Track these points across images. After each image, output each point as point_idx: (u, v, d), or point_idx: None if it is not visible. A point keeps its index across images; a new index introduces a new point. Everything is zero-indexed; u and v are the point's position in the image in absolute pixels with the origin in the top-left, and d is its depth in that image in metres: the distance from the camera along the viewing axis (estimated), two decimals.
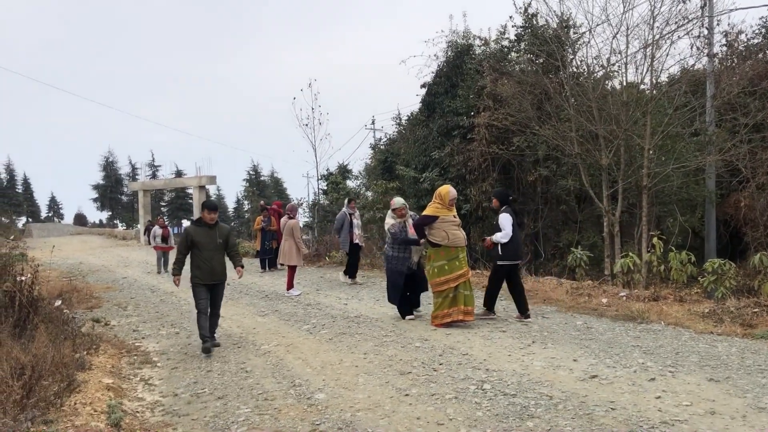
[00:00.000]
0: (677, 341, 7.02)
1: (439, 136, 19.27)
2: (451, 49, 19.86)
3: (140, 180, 52.08)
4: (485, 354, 6.73)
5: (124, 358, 7.24)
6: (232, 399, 5.60)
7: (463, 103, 18.51)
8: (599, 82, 15.43)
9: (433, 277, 8.33)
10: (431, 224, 8.28)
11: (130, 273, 18.22)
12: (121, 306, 11.55)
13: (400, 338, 7.67)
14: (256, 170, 70.36)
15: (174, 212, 65.52)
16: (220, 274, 7.58)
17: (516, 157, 17.37)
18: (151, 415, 5.28)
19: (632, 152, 15.21)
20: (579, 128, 14.90)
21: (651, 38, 13.74)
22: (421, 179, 18.77)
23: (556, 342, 7.18)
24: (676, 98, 14.40)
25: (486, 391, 5.43)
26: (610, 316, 8.56)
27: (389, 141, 28.59)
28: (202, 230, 7.48)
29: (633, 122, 14.33)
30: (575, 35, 16.46)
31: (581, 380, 5.67)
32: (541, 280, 11.83)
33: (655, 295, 9.50)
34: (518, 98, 16.08)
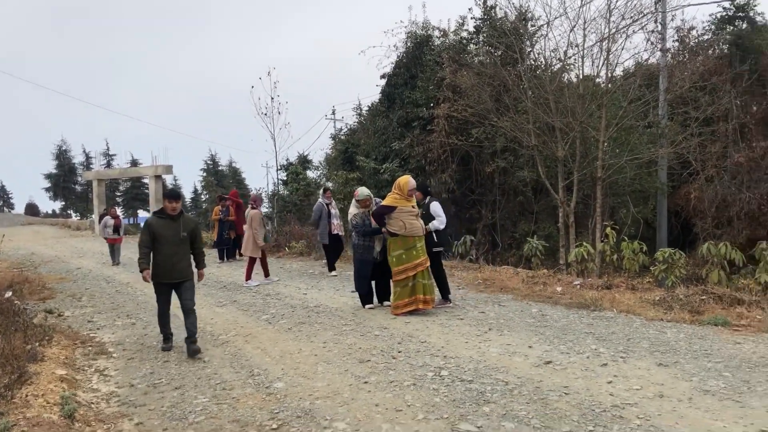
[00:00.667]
0: (629, 328, 7.22)
1: (399, 127, 19.31)
2: (411, 40, 19.89)
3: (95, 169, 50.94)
4: (443, 341, 6.82)
5: (78, 349, 7.11)
6: (190, 389, 5.57)
7: (422, 94, 18.58)
8: (556, 75, 15.66)
9: (393, 267, 8.41)
10: (390, 214, 8.34)
11: (84, 264, 17.84)
12: (75, 297, 11.32)
13: (359, 327, 7.71)
14: (214, 160, 69.22)
15: (129, 202, 64.18)
16: (183, 271, 6.77)
17: (475, 149, 17.53)
18: (106, 406, 5.21)
19: (587, 144, 15.51)
20: (536, 120, 15.12)
21: (607, 32, 14.00)
22: (382, 170, 18.80)
23: (512, 329, 7.31)
24: (631, 91, 14.72)
25: (443, 378, 5.50)
26: (564, 303, 8.75)
27: (350, 131, 28.50)
28: (164, 222, 6.71)
29: (588, 115, 14.60)
30: (533, 28, 16.66)
31: (536, 366, 5.80)
32: (498, 270, 12.01)
33: (608, 283, 9.74)
34: (477, 90, 16.21)
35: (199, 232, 7.00)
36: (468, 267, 12.42)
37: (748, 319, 7.28)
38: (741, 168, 16.88)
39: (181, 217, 6.78)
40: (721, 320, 7.22)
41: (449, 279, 11.00)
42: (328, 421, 4.62)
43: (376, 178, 18.77)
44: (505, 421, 4.47)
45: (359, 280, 8.95)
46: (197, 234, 6.96)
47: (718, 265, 9.18)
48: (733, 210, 16.71)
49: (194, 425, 4.69)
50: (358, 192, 9.06)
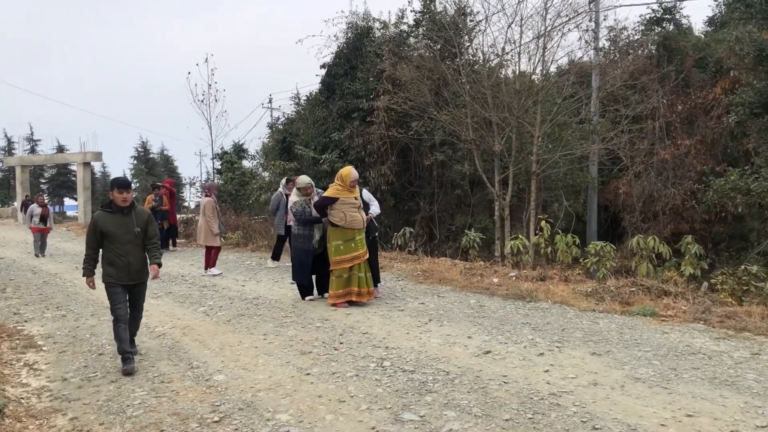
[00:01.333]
0: (563, 318, 7.45)
1: (339, 118, 19.24)
2: (351, 30, 19.81)
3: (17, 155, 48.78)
4: (384, 332, 6.87)
5: (4, 343, 6.82)
6: (126, 382, 5.43)
7: (362, 85, 18.56)
8: (494, 70, 15.92)
9: (331, 257, 8.41)
10: (332, 205, 8.33)
11: (7, 254, 17.09)
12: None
13: (300, 319, 7.68)
14: (145, 147, 67.35)
15: (55, 190, 61.75)
16: (139, 271, 5.97)
17: (414, 142, 17.66)
18: (37, 401, 5.03)
19: (523, 139, 15.85)
20: (474, 115, 15.35)
21: (543, 29, 14.32)
22: (321, 160, 18.70)
23: (452, 320, 7.42)
24: (565, 88, 15.12)
25: (386, 368, 5.55)
26: (501, 295, 8.94)
27: (287, 121, 28.16)
28: (114, 218, 5.81)
29: (524, 110, 14.92)
30: (472, 23, 16.87)
31: (476, 356, 5.91)
32: (437, 261, 12.15)
33: (543, 275, 10.02)
34: (416, 83, 16.32)
35: (153, 224, 6.10)
36: (407, 258, 12.53)
37: (674, 310, 7.61)
38: (666, 164, 17.60)
39: (133, 210, 5.91)
40: (649, 311, 7.53)
41: (388, 270, 11.13)
42: (270, 413, 4.59)
43: (316, 168, 18.66)
44: (447, 410, 4.54)
45: (299, 269, 8.89)
46: (151, 226, 6.05)
47: (646, 258, 9.56)
48: (658, 205, 17.43)
49: (132, 419, 4.58)
50: (299, 180, 9.01)
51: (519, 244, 10.75)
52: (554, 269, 10.65)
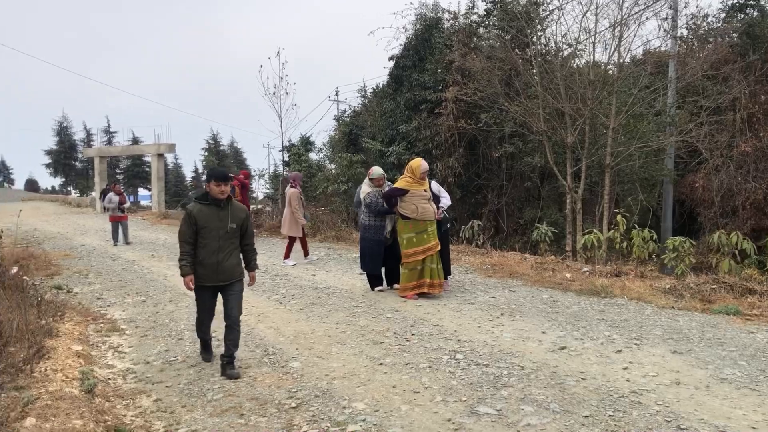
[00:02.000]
0: (641, 315, 7.23)
1: (407, 110, 19.22)
2: (420, 22, 19.74)
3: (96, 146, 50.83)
4: (455, 325, 6.83)
5: (90, 326, 7.12)
6: (206, 367, 5.58)
7: (431, 77, 18.48)
8: (567, 60, 15.57)
9: (403, 249, 8.40)
10: (401, 197, 8.31)
11: (88, 241, 17.84)
12: (82, 274, 11.32)
13: (370, 309, 7.72)
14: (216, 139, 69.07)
15: (130, 180, 64.12)
16: (231, 270, 5.44)
17: (482, 133, 17.48)
18: (123, 382, 5.22)
19: (596, 131, 15.45)
20: (546, 105, 15.05)
21: (620, 18, 13.89)
22: (388, 153, 18.74)
23: (524, 314, 7.31)
24: (641, 79, 14.64)
25: (459, 361, 5.51)
26: (574, 290, 8.75)
27: (354, 113, 28.37)
28: (209, 211, 5.32)
29: (598, 101, 14.53)
30: (544, 12, 16.53)
31: (551, 351, 5.80)
32: (506, 255, 12.00)
33: (617, 270, 9.75)
34: (487, 74, 16.12)
35: (250, 224, 5.65)
36: (475, 252, 12.42)
37: (760, 309, 7.28)
38: (747, 158, 16.82)
39: (230, 204, 5.43)
40: (732, 309, 7.22)
41: (456, 263, 11.05)
42: (346, 401, 4.63)
43: (382, 160, 18.70)
44: (524, 404, 4.48)
45: (371, 260, 8.90)
46: (248, 224, 5.60)
47: (728, 255, 9.17)
48: (738, 200, 16.68)
49: (213, 402, 4.70)
50: (373, 171, 9.03)
51: (594, 239, 10.48)
52: (629, 265, 10.35)
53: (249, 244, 5.63)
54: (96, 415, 4.20)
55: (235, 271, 5.50)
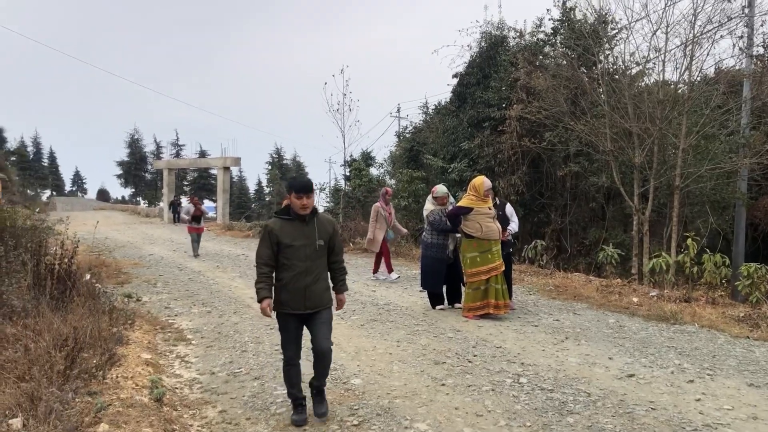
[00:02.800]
0: (713, 344, 6.95)
1: (469, 127, 19.16)
2: (485, 40, 19.69)
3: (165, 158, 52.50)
4: (519, 348, 6.71)
5: (158, 335, 7.32)
6: (269, 380, 5.65)
7: (495, 94, 18.37)
8: (635, 79, 15.22)
9: (465, 269, 8.33)
10: (466, 215, 8.26)
11: (156, 250, 18.39)
12: (150, 282, 11.67)
13: (431, 328, 7.67)
14: (279, 153, 70.48)
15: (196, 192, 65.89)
16: (319, 296, 4.63)
17: (546, 152, 17.23)
18: (189, 392, 5.34)
19: (665, 151, 15.02)
20: (613, 125, 14.73)
21: (692, 36, 13.50)
22: (449, 169, 18.69)
23: (590, 339, 7.14)
24: (714, 98, 14.17)
25: (523, 385, 5.42)
26: (642, 315, 8.49)
27: (415, 129, 28.43)
28: (292, 227, 4.56)
29: (668, 121, 14.13)
30: (613, 30, 16.23)
31: (618, 378, 5.64)
32: (569, 276, 11.76)
33: (687, 296, 9.42)
34: (552, 92, 15.92)
35: (338, 239, 4.84)
36: (537, 272, 12.22)
37: None
38: None
39: (316, 218, 4.65)
40: None
41: (519, 284, 10.89)
42: (408, 421, 4.61)
43: (444, 177, 18.66)
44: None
45: (433, 278, 8.87)
46: (336, 239, 4.78)
47: None
48: None
49: (276, 416, 4.76)
50: (437, 189, 9.01)
51: (662, 263, 10.16)
52: (699, 290, 9.99)
53: (337, 262, 4.83)
54: (164, 424, 4.31)
55: (324, 297, 4.69)
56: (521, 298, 9.72)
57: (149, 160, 71.75)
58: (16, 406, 4.21)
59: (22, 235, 10.10)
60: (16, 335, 5.78)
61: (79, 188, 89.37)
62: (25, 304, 6.77)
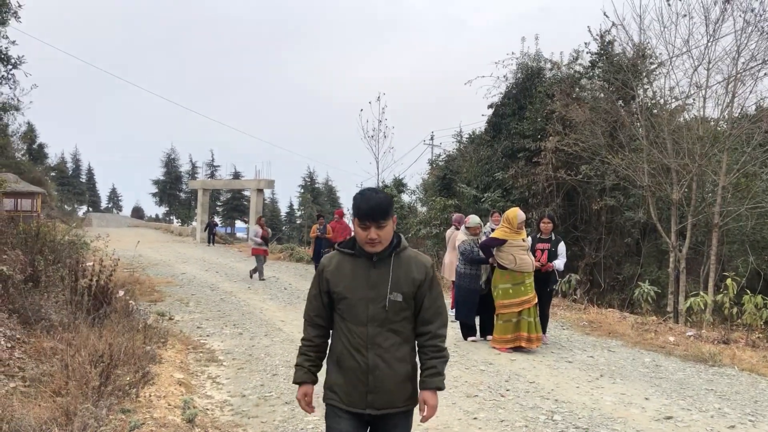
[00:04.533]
0: (754, 389, 6.74)
1: (504, 158, 19.13)
2: (521, 71, 19.73)
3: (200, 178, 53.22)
4: (552, 384, 6.59)
5: (190, 354, 7.36)
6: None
7: (530, 125, 18.35)
8: (675, 114, 15.07)
9: (497, 299, 8.25)
10: (499, 247, 8.20)
11: (188, 269, 18.57)
12: (182, 302, 11.77)
13: (463, 359, 7.58)
14: (312, 177, 70.96)
15: (229, 212, 66.70)
16: (391, 389, 2.88)
17: (582, 185, 17.10)
18: (221, 414, 5.34)
19: (704, 188, 14.80)
20: (651, 160, 14.58)
21: (734, 73, 13.36)
22: (482, 199, 18.63)
23: (625, 377, 6.98)
24: (755, 136, 13.95)
25: (557, 423, 5.31)
26: (678, 355, 8.28)
27: (448, 158, 28.44)
28: (352, 266, 2.93)
29: (707, 158, 13.95)
30: (652, 65, 16.14)
31: (656, 420, 5.50)
32: (604, 312, 11.56)
33: (725, 337, 9.17)
34: (589, 125, 15.84)
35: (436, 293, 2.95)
36: (571, 306, 12.03)
37: None
38: None
39: (393, 258, 2.91)
40: None
41: (552, 318, 10.72)
42: None
43: (476, 206, 18.59)
44: None
45: (466, 309, 8.80)
46: (431, 296, 2.93)
47: None
48: None
49: None
50: (469, 219, 9.00)
51: (700, 302, 9.94)
52: (738, 332, 9.73)
53: (429, 334, 2.91)
54: None
55: (401, 391, 2.89)
56: (554, 333, 9.57)
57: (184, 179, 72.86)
58: (51, 420, 4.25)
59: (61, 250, 10.31)
60: (53, 349, 5.86)
61: (114, 205, 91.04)
62: (62, 318, 6.87)
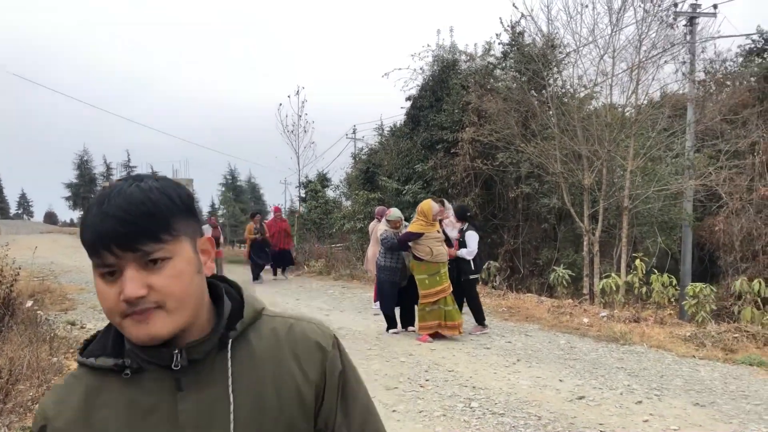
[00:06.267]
0: (661, 364, 7.05)
1: (423, 149, 19.28)
2: (437, 63, 19.90)
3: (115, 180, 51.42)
4: (471, 371, 6.69)
5: None
6: None
7: (447, 117, 18.54)
8: (584, 103, 15.56)
9: (419, 290, 8.33)
10: (416, 240, 8.26)
11: None
12: (96, 309, 11.27)
13: (384, 352, 7.60)
14: (233, 175, 69.58)
15: None
16: None
17: (499, 174, 17.43)
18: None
19: (614, 173, 15.36)
20: (562, 147, 15.01)
21: (638, 61, 13.89)
22: (404, 191, 18.74)
23: (541, 361, 7.16)
24: (659, 121, 14.58)
25: (474, 410, 5.38)
26: (592, 336, 8.58)
27: (371, 151, 28.49)
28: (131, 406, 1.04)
29: (616, 144, 14.47)
30: (561, 54, 16.59)
31: (569, 401, 5.65)
32: (522, 297, 11.85)
33: (636, 316, 9.56)
34: (503, 115, 16.15)
35: (356, 392, 1.17)
36: (491, 294, 12.28)
37: None
38: (767, 202, 16.61)
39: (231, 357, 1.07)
40: (756, 360, 7.04)
41: None
42: None
43: (398, 198, 18.69)
44: None
45: (387, 301, 8.83)
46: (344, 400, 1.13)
47: (751, 302, 8.98)
48: (758, 244, 16.43)
49: None
50: (390, 212, 9.02)
51: (612, 283, 10.32)
52: (648, 310, 10.16)
53: None
54: None
55: None
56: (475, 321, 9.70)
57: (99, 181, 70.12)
58: None
59: None
60: None
61: (24, 211, 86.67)
62: None
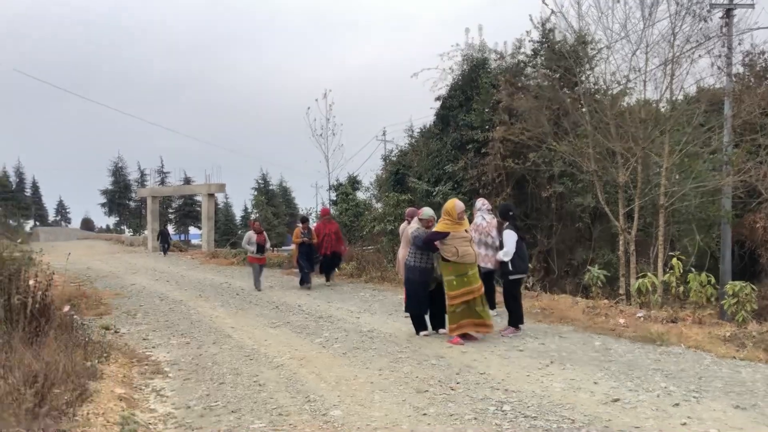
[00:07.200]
0: (699, 365, 6.85)
1: (453, 150, 19.17)
2: (467, 62, 19.79)
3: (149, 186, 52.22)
4: (503, 374, 6.58)
5: (135, 368, 7.12)
6: (246, 413, 5.47)
7: (478, 117, 18.42)
8: (617, 99, 15.30)
9: (447, 291, 8.25)
10: (443, 240, 8.18)
11: (138, 280, 18.14)
12: (130, 314, 11.46)
13: (415, 355, 7.52)
14: (265, 179, 70.10)
15: (181, 219, 65.61)
16: None
17: (531, 173, 17.24)
18: (163, 428, 5.15)
19: (649, 171, 15.07)
20: (596, 145, 14.77)
21: (671, 55, 13.61)
22: (434, 192, 18.65)
23: (575, 363, 7.01)
24: (695, 117, 14.25)
25: (506, 413, 5.27)
26: (628, 337, 8.38)
27: (401, 153, 28.43)
28: None
29: (651, 140, 14.19)
30: (593, 51, 16.34)
31: (603, 404, 5.51)
32: (556, 298, 11.66)
33: (674, 316, 9.32)
34: (534, 113, 15.96)
35: None
36: (524, 294, 12.07)
37: None
38: None
39: None
40: None
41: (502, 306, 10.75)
42: None
43: (429, 200, 18.60)
44: None
45: (416, 302, 8.74)
46: None
47: None
48: None
49: None
50: (423, 211, 8.94)
51: (648, 283, 10.09)
52: (686, 310, 9.90)
53: None
54: None
55: None
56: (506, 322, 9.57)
57: (133, 188, 71.36)
58: None
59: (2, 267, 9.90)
60: None
61: (62, 218, 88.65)
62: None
